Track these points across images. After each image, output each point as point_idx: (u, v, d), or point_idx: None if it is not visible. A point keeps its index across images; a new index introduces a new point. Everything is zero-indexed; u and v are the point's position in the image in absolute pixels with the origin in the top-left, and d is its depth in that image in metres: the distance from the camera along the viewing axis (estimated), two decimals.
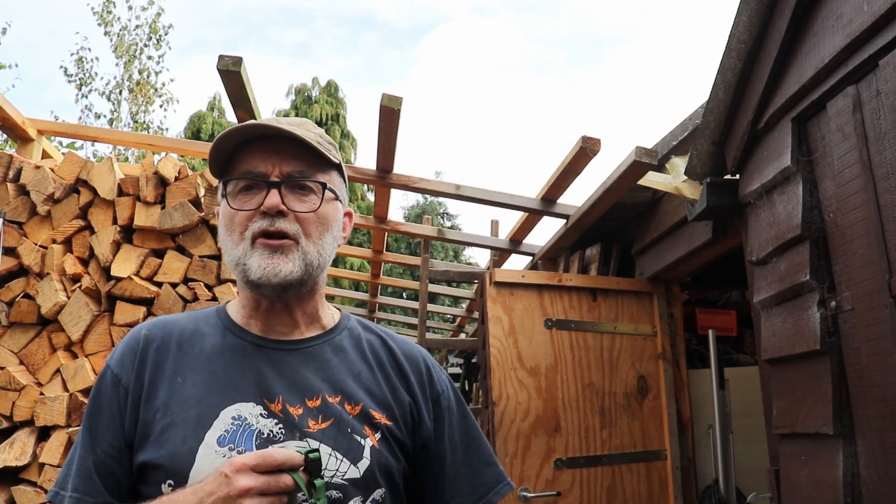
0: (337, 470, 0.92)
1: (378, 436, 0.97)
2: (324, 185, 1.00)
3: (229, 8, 38.93)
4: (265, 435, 0.92)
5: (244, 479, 0.80)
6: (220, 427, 0.91)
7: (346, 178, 1.10)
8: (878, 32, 1.57)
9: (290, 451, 0.85)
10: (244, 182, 0.98)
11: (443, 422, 1.07)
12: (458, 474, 1.06)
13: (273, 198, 0.95)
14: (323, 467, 0.89)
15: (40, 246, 2.77)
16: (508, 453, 2.80)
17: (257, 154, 0.98)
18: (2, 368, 2.63)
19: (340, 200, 1.05)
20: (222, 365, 0.97)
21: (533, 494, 2.77)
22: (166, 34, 10.87)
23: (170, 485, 0.89)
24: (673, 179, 2.53)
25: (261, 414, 0.93)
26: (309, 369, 0.99)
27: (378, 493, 0.95)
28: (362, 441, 0.96)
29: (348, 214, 1.10)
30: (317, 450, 0.87)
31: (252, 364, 0.98)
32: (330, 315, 1.09)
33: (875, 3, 1.56)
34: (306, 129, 1.01)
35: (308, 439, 0.93)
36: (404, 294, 15.11)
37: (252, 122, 0.98)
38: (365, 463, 0.94)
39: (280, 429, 0.93)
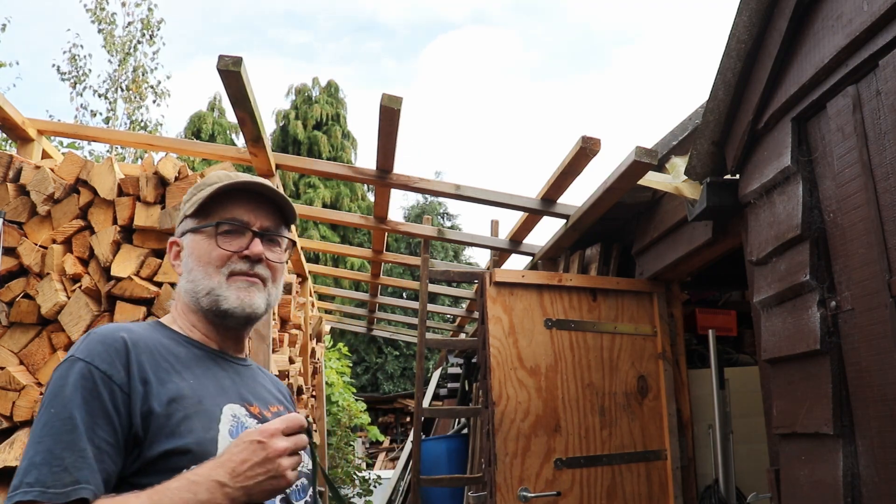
0: (302, 464, 1.06)
1: None
2: (292, 242, 1.23)
3: (234, 13, 38.96)
4: (248, 427, 1.07)
5: (280, 441, 0.94)
6: (227, 422, 1.04)
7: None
8: (878, 32, 1.57)
9: (299, 415, 1.00)
10: (229, 226, 1.14)
11: None
12: None
13: (258, 246, 1.13)
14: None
15: (40, 246, 2.77)
16: (508, 453, 2.80)
17: (242, 204, 1.15)
18: (2, 368, 2.63)
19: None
20: (202, 370, 1.10)
21: (533, 494, 2.77)
22: (159, 29, 10.83)
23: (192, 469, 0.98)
24: (673, 179, 2.53)
25: (246, 415, 1.09)
26: (258, 384, 1.20)
27: (312, 486, 1.18)
28: None
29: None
30: (308, 415, 1.06)
31: (223, 372, 1.13)
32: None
33: (875, 3, 1.56)
34: (277, 190, 1.20)
35: None
36: (404, 294, 15.12)
37: (231, 178, 1.16)
38: (308, 461, 1.16)
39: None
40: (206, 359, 1.12)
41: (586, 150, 2.88)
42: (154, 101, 10.79)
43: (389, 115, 2.74)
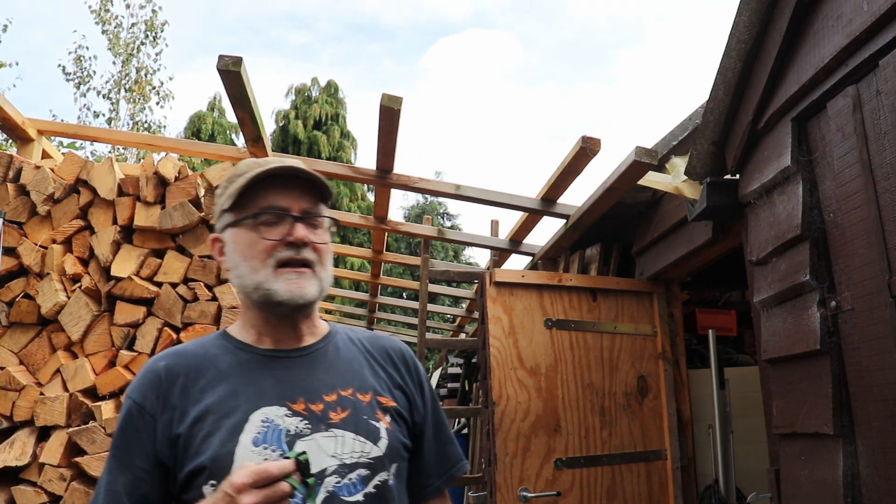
0: (362, 451, 1.06)
1: (388, 418, 1.12)
2: (332, 220, 1.17)
3: (234, 15, 38.96)
4: (292, 432, 1.03)
5: (246, 497, 0.88)
6: (252, 430, 1.02)
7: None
8: (878, 32, 1.57)
9: (281, 461, 0.93)
10: (268, 215, 1.09)
11: (426, 405, 1.23)
12: (431, 451, 1.22)
13: (301, 231, 1.09)
14: (350, 451, 1.05)
15: (40, 246, 2.77)
16: (508, 453, 2.80)
17: (278, 191, 1.11)
18: (2, 368, 2.63)
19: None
20: (242, 378, 1.09)
21: (533, 494, 2.77)
22: (162, 31, 10.85)
23: (212, 485, 0.99)
24: (673, 179, 2.53)
25: (285, 414, 1.05)
26: (319, 370, 1.13)
27: (395, 468, 1.10)
28: (378, 424, 1.10)
29: None
30: (304, 452, 0.95)
31: (268, 373, 1.10)
32: (322, 324, 1.23)
33: (875, 3, 1.56)
34: (309, 169, 1.15)
35: (333, 429, 1.06)
36: (404, 294, 15.11)
37: (261, 164, 1.11)
38: (384, 442, 1.09)
39: (306, 425, 1.05)
40: (252, 363, 1.11)
41: (586, 150, 2.88)
42: (157, 103, 10.80)
43: (389, 115, 2.74)
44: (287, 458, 0.93)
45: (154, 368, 1.10)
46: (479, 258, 21.46)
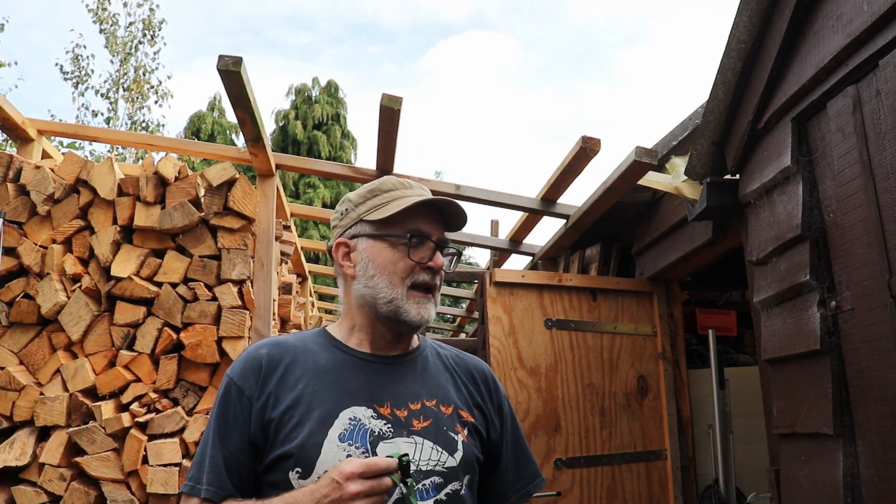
0: (438, 460, 1.11)
1: (466, 432, 1.18)
2: (459, 252, 1.25)
3: (236, 16, 38.95)
4: (376, 433, 1.10)
5: (353, 485, 0.97)
6: (340, 426, 1.09)
7: None
8: (878, 32, 1.57)
9: (387, 458, 1.01)
10: (418, 238, 1.18)
11: (504, 424, 1.28)
12: (508, 468, 1.26)
13: (441, 258, 1.19)
14: (426, 458, 1.11)
15: (40, 246, 2.77)
16: None
17: (424, 216, 1.19)
18: (2, 368, 2.63)
19: None
20: (336, 375, 1.16)
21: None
22: (160, 29, 10.84)
23: (297, 472, 1.06)
24: (673, 179, 2.53)
25: (371, 416, 1.12)
26: (408, 379, 1.20)
27: (467, 479, 1.15)
28: (456, 436, 1.16)
29: None
30: (406, 454, 1.02)
31: (362, 375, 1.17)
32: (416, 338, 1.29)
33: (875, 3, 1.56)
34: (458, 203, 1.23)
35: (413, 436, 1.12)
36: None
37: (420, 192, 1.21)
38: (460, 454, 1.15)
39: (389, 428, 1.11)
40: (347, 363, 1.18)
41: (586, 150, 2.88)
42: (156, 102, 10.79)
43: (389, 115, 2.74)
44: (391, 457, 1.01)
45: (256, 355, 1.18)
46: (479, 258, 21.45)
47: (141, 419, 2.58)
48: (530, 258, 4.43)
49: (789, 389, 1.90)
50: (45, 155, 3.29)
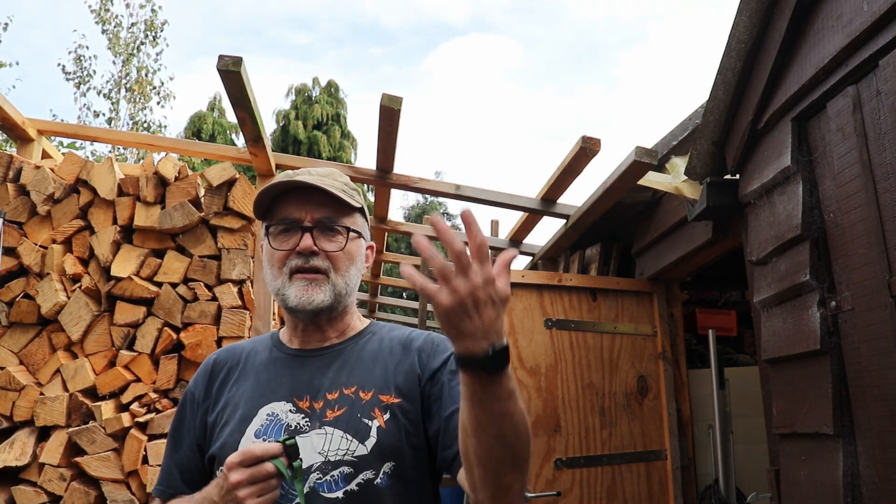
0: (347, 449, 1.08)
1: (387, 416, 1.11)
2: (347, 229, 1.19)
3: (237, 17, 38.96)
4: (292, 427, 1.09)
5: (234, 474, 0.98)
6: (257, 422, 1.11)
7: (367, 217, 1.28)
8: (878, 32, 1.57)
9: (267, 443, 1.02)
10: (283, 226, 1.17)
11: (435, 386, 1.13)
12: (441, 433, 1.10)
13: (306, 240, 1.14)
14: (335, 448, 1.07)
15: (40, 246, 2.77)
16: None
17: (293, 203, 1.17)
18: (2, 368, 2.63)
19: (363, 237, 1.24)
20: (266, 373, 1.18)
21: (533, 494, 2.77)
22: (162, 30, 10.85)
23: (220, 470, 1.08)
24: (673, 179, 2.53)
25: (290, 410, 1.11)
26: (331, 369, 1.17)
27: (387, 467, 1.09)
28: (370, 423, 1.10)
29: (370, 248, 1.29)
30: (292, 437, 1.02)
31: (287, 371, 1.17)
32: (358, 324, 1.26)
33: (875, 3, 1.56)
34: (333, 180, 1.20)
35: (325, 426, 1.09)
36: (404, 294, 15.11)
37: (288, 177, 1.17)
38: (372, 441, 1.09)
39: (306, 421, 1.10)
40: (278, 360, 1.19)
41: (586, 150, 2.88)
42: (158, 103, 10.80)
43: (389, 115, 2.74)
44: (277, 441, 1.02)
45: (208, 361, 1.24)
46: None
47: (141, 419, 2.58)
48: (530, 258, 4.43)
49: (789, 389, 1.90)
50: (45, 155, 3.29)
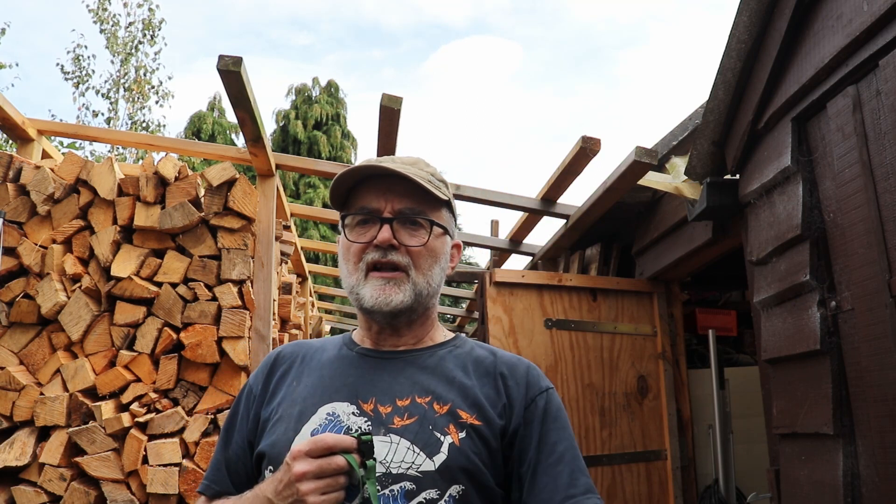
0: (413, 462, 0.96)
1: (462, 434, 1.00)
2: (431, 223, 1.08)
3: (238, 19, 38.97)
4: (353, 430, 0.98)
5: (299, 464, 0.89)
6: (316, 421, 1.01)
7: (455, 213, 1.17)
8: (878, 32, 1.57)
9: (342, 435, 0.92)
10: (360, 216, 1.07)
11: (529, 427, 1.04)
12: (538, 479, 1.01)
13: (385, 233, 1.04)
14: (399, 460, 0.96)
15: (40, 246, 2.77)
16: None
17: (373, 191, 1.07)
18: (2, 368, 2.63)
19: (449, 234, 1.13)
20: (330, 371, 1.09)
21: None
22: (160, 29, 10.85)
23: (270, 470, 1.00)
24: (673, 179, 2.53)
25: (353, 412, 1.02)
26: (404, 374, 1.07)
27: (455, 489, 0.96)
28: (442, 437, 0.99)
29: (456, 246, 1.18)
30: (368, 433, 0.93)
31: (355, 370, 1.08)
32: (441, 335, 1.17)
33: (875, 3, 1.56)
34: (418, 169, 1.09)
35: (391, 434, 0.98)
36: None
37: (368, 162, 1.07)
38: (441, 458, 0.97)
39: (369, 426, 0.99)
40: (346, 359, 1.10)
41: (586, 150, 2.88)
42: (157, 102, 10.79)
43: (389, 115, 2.74)
44: (351, 435, 0.92)
45: (271, 354, 1.17)
46: (479, 258, 21.45)
47: (141, 419, 2.58)
48: (530, 258, 4.43)
49: (789, 389, 1.90)
50: (45, 155, 3.29)
